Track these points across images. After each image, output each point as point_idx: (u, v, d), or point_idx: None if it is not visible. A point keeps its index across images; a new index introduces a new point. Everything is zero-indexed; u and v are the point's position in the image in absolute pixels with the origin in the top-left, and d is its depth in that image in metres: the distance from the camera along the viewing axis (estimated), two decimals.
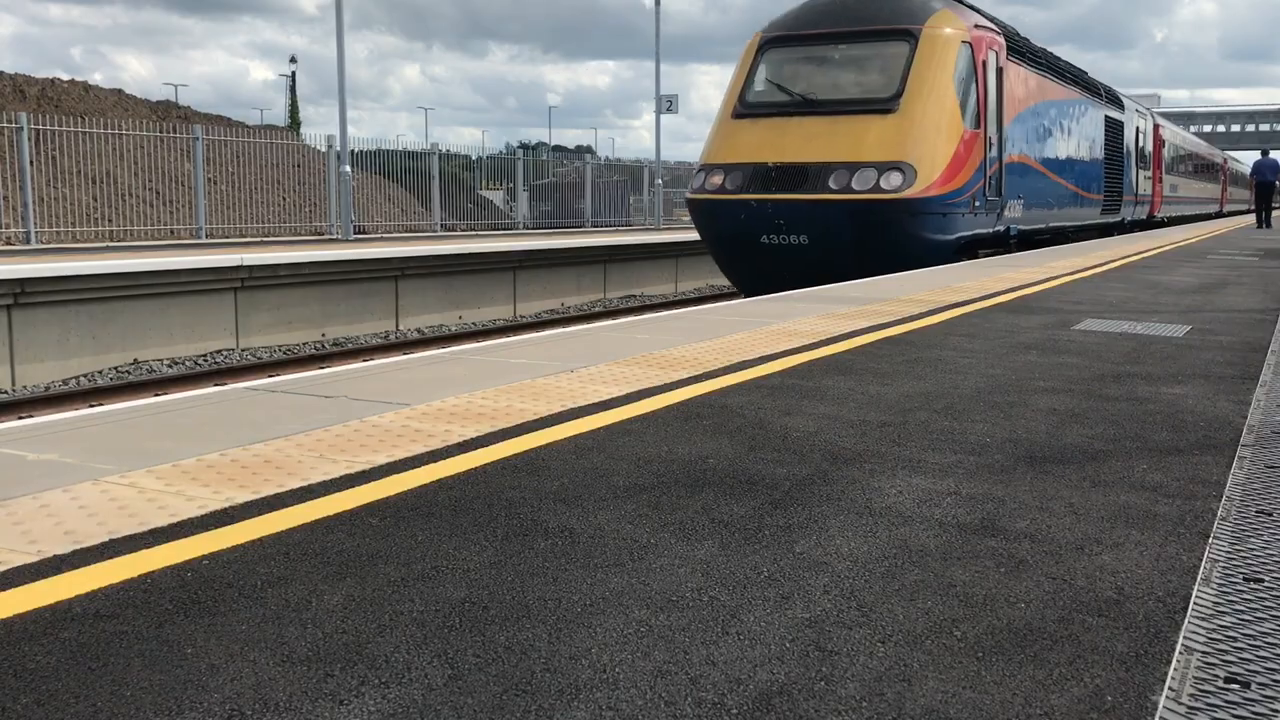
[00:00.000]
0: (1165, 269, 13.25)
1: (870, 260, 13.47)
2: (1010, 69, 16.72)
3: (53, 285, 12.26)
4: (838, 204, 13.54)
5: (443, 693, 1.96)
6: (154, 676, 2.01)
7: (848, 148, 13.92)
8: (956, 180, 14.25)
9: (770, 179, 14.09)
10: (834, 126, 14.22)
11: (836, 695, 1.97)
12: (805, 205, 13.70)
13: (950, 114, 14.35)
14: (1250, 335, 7.04)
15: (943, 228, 14.23)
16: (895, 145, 13.81)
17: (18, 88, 25.88)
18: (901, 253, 13.71)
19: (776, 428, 4.11)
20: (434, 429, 3.97)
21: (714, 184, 14.52)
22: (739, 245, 14.61)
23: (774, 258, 14.26)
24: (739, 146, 14.71)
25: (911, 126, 13.97)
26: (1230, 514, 3.09)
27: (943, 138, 14.13)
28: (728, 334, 6.65)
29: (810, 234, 13.83)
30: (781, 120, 14.61)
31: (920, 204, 13.62)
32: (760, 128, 14.75)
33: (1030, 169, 17.98)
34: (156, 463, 3.46)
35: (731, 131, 15.01)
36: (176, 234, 21.24)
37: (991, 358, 5.89)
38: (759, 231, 14.13)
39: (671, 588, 2.48)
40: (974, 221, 15.12)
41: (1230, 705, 1.95)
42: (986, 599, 2.43)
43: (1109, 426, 4.22)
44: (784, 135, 14.41)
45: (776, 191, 13.95)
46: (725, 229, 14.68)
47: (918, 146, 13.85)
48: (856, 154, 13.84)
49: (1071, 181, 21.02)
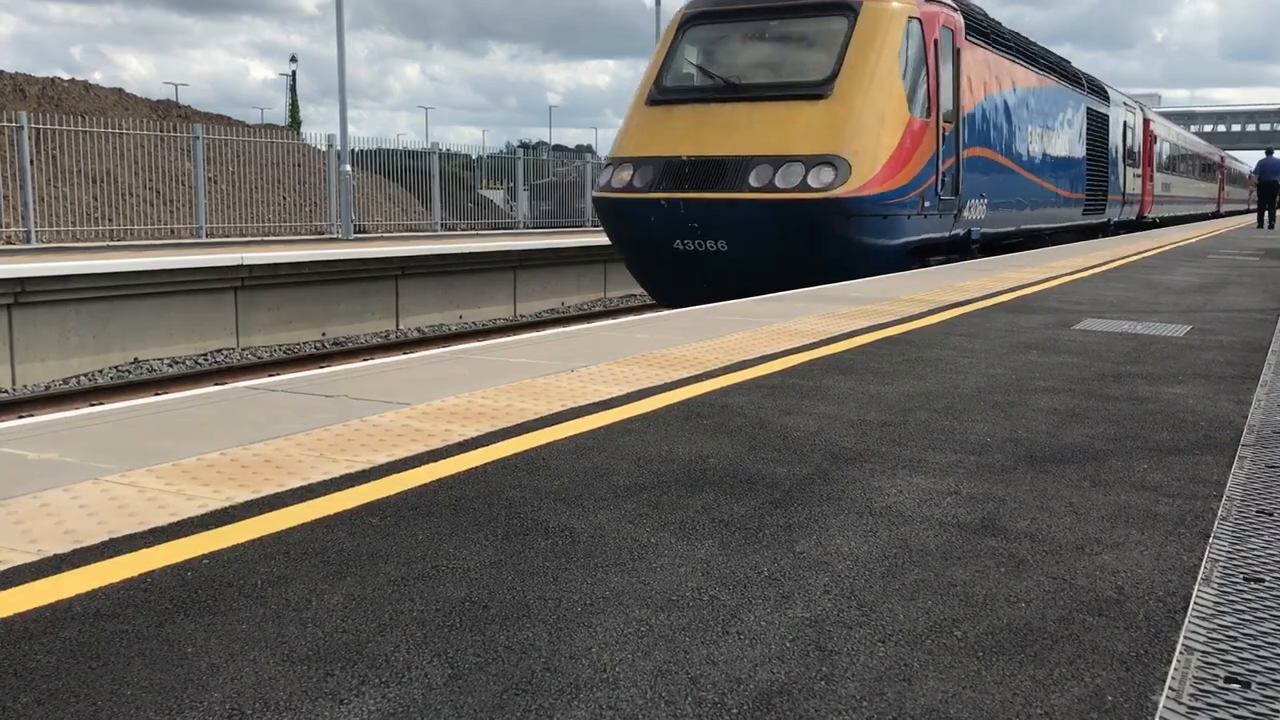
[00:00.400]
0: (1165, 269, 13.25)
1: (800, 270, 11.82)
2: (970, 51, 15.00)
3: (53, 285, 12.26)
4: (759, 204, 11.81)
5: (443, 692, 1.96)
6: (154, 676, 2.01)
7: (772, 139, 12.13)
8: (900, 177, 12.46)
9: (684, 176, 12.25)
10: (758, 114, 12.41)
11: (837, 695, 1.97)
12: (722, 206, 11.96)
13: (894, 100, 12.54)
14: (1251, 335, 7.04)
15: (884, 231, 12.40)
16: (827, 136, 12.03)
17: (18, 87, 25.87)
18: (835, 261, 12.02)
19: (777, 427, 4.11)
20: (434, 428, 3.97)
21: (621, 180, 12.69)
22: (650, 251, 12.84)
23: (689, 267, 12.53)
24: (652, 138, 12.89)
25: (847, 114, 12.17)
26: (1231, 514, 3.09)
27: (884, 127, 12.35)
28: (728, 333, 6.65)
29: (729, 239, 12.10)
30: (701, 108, 12.79)
31: (855, 204, 11.84)
32: (677, 116, 12.90)
33: (995, 165, 16.17)
34: (157, 462, 3.46)
35: (644, 121, 13.19)
36: (177, 233, 21.23)
37: (992, 357, 5.89)
38: (671, 236, 12.37)
39: (672, 587, 2.48)
40: (923, 224, 13.26)
41: (1230, 705, 1.95)
42: (987, 599, 2.43)
43: (1109, 426, 4.22)
44: (702, 125, 12.60)
45: (690, 190, 12.14)
46: (634, 232, 12.87)
47: (853, 138, 12.05)
48: (782, 146, 12.05)
49: (1047, 179, 19.18)
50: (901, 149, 12.52)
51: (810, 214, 11.75)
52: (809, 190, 11.68)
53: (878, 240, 12.38)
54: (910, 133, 12.74)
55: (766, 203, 11.78)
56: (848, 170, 11.78)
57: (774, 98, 12.50)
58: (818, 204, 11.70)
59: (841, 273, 11.58)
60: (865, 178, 11.90)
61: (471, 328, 16.94)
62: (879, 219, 12.22)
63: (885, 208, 12.25)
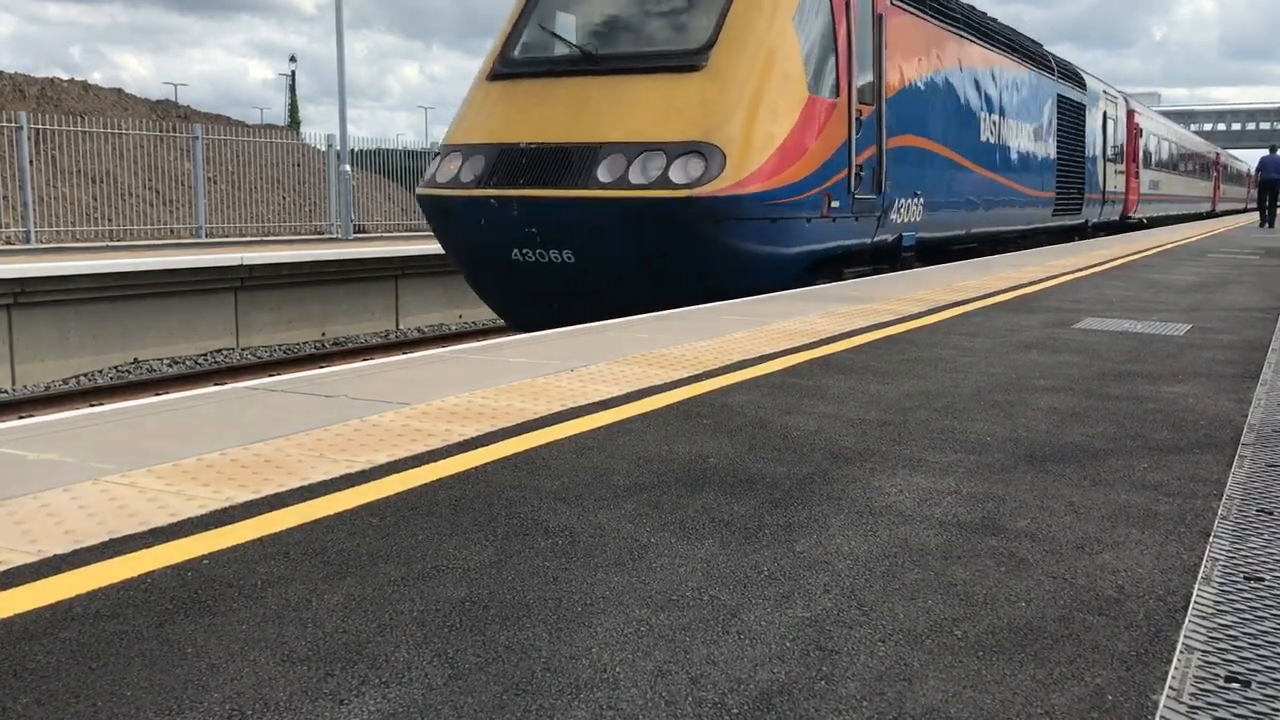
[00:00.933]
0: (1166, 267, 13.25)
1: (668, 288, 9.56)
2: (898, 19, 12.44)
3: (52, 285, 12.26)
4: (609, 204, 9.38)
5: (443, 692, 1.96)
6: (154, 676, 2.01)
7: (630, 122, 9.74)
8: (794, 170, 10.07)
9: (520, 168, 9.82)
10: (617, 91, 10.00)
11: (837, 694, 1.96)
12: (564, 207, 9.53)
13: (787, 75, 10.16)
14: (1251, 334, 7.04)
15: (773, 238, 9.98)
16: (697, 118, 9.61)
17: (17, 87, 25.89)
18: (709, 276, 9.69)
19: (777, 427, 4.11)
20: (434, 428, 3.97)
21: (447, 174, 10.30)
22: (483, 264, 10.47)
23: (531, 284, 10.13)
24: (490, 120, 10.46)
25: (723, 92, 9.74)
26: (1231, 513, 3.09)
27: (773, 109, 9.97)
28: (727, 333, 6.65)
29: (576, 250, 9.68)
30: (551, 83, 10.36)
31: (730, 204, 9.42)
32: (522, 94, 10.43)
33: (934, 157, 13.53)
34: (156, 462, 3.46)
35: (484, 100, 10.71)
36: (176, 233, 21.23)
37: (992, 356, 5.89)
38: (506, 244, 9.92)
39: (672, 587, 2.48)
40: (830, 229, 10.84)
41: (1231, 704, 1.95)
42: (987, 598, 2.43)
43: (1110, 425, 4.22)
44: (550, 104, 10.17)
45: (527, 186, 9.69)
46: (463, 240, 10.44)
47: (731, 120, 9.63)
48: (640, 131, 9.64)
49: (1006, 175, 16.59)
50: (797, 136, 10.10)
51: (673, 217, 9.35)
52: (671, 186, 9.31)
53: (765, 249, 9.96)
54: (809, 116, 10.30)
55: (618, 203, 9.37)
56: (721, 161, 9.39)
57: (637, 70, 10.08)
58: (682, 204, 9.28)
59: (719, 290, 9.33)
60: (745, 171, 9.50)
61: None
62: (765, 224, 9.83)
63: (774, 209, 9.86)
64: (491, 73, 10.85)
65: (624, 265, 9.64)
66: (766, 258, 10.03)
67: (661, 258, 9.56)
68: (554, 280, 9.97)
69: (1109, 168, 24.43)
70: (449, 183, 10.22)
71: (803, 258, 10.58)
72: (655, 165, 9.42)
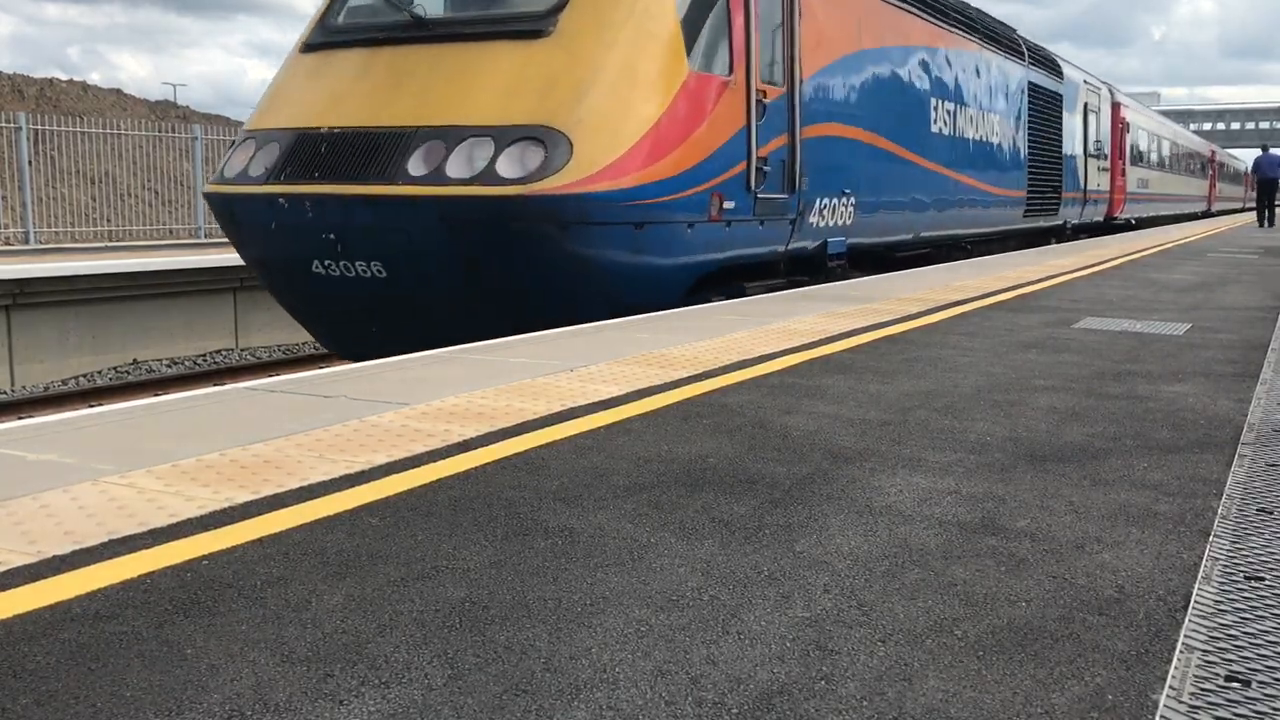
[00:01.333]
0: (1165, 267, 13.25)
1: (506, 308, 7.77)
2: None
3: (52, 285, 12.25)
4: (418, 205, 7.45)
5: (443, 693, 1.96)
6: (153, 677, 2.01)
7: (456, 100, 7.82)
8: (668, 163, 8.05)
9: (318, 159, 7.90)
10: (443, 62, 8.10)
11: (837, 694, 1.96)
12: (366, 207, 7.57)
13: (661, 46, 8.19)
14: (1251, 333, 7.04)
15: (640, 248, 7.99)
16: (538, 96, 7.71)
17: (16, 87, 25.88)
18: (556, 294, 7.82)
19: (776, 427, 4.11)
20: (433, 429, 3.97)
21: (236, 166, 8.40)
22: (282, 278, 8.60)
23: (339, 304, 8.22)
24: (294, 101, 8.55)
25: (574, 63, 7.84)
26: (1231, 512, 3.09)
27: (641, 86, 8.00)
28: (727, 333, 6.65)
29: (386, 262, 7.74)
30: (371, 53, 8.43)
31: (576, 204, 7.49)
32: (337, 67, 8.52)
33: (870, 150, 11.57)
34: (156, 463, 3.45)
35: (293, 76, 8.83)
36: (176, 234, 21.23)
37: (991, 356, 5.89)
38: (304, 254, 7.97)
39: (672, 587, 2.48)
40: (722, 236, 8.83)
41: (1231, 704, 1.95)
42: (987, 598, 2.43)
43: (1109, 425, 4.22)
44: (366, 79, 8.26)
45: (322, 180, 7.77)
46: (254, 248, 8.61)
47: (582, 99, 7.69)
48: (466, 112, 7.70)
49: (965, 171, 14.53)
50: (672, 121, 8.11)
51: (500, 221, 7.44)
52: (497, 182, 7.38)
53: (630, 260, 8.01)
54: (690, 96, 8.31)
55: (430, 202, 7.44)
56: (567, 150, 7.49)
57: (471, 37, 8.18)
58: (511, 204, 7.36)
59: (570, 312, 7.58)
60: (598, 163, 7.57)
61: None
62: (627, 229, 7.84)
63: (638, 211, 7.86)
64: (306, 43, 8.91)
65: (445, 281, 7.75)
66: (632, 272, 8.05)
67: (491, 272, 7.67)
68: (364, 300, 8.03)
69: (1091, 164, 22.57)
70: (236, 177, 8.31)
71: (684, 272, 8.56)
72: (482, 155, 7.52)
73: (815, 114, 10.28)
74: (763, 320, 7.32)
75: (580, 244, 7.68)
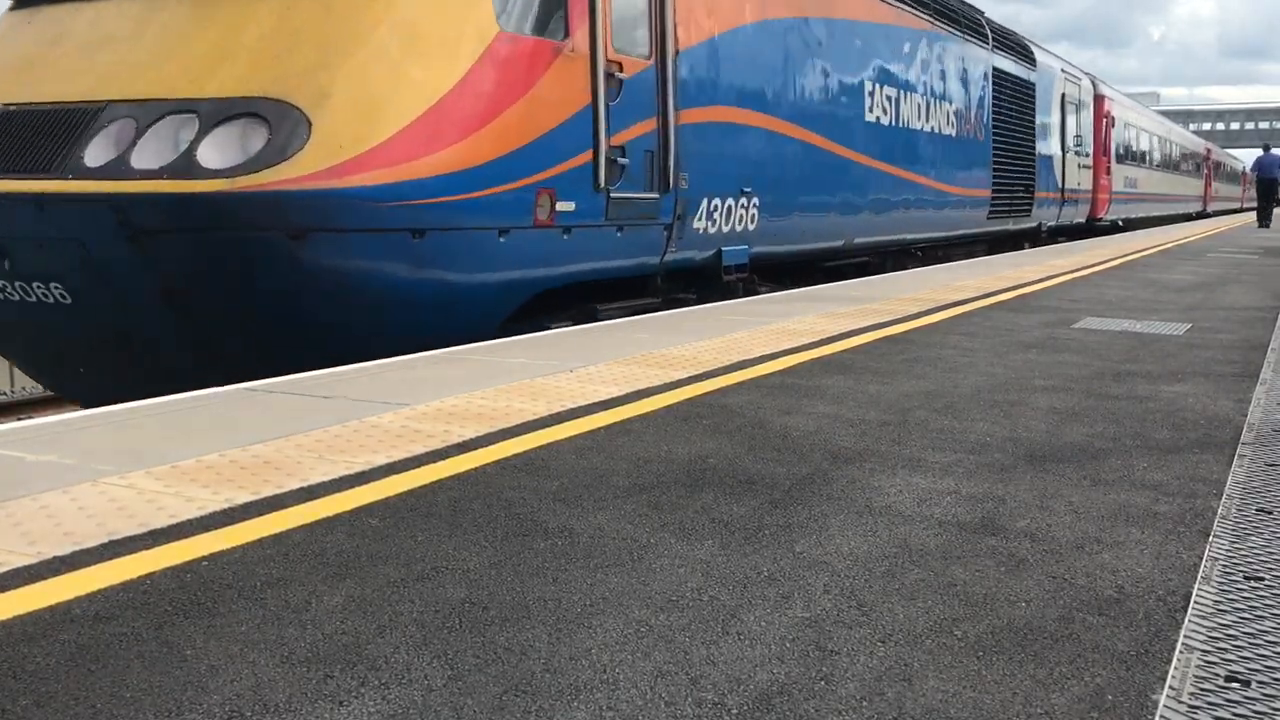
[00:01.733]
0: (1165, 267, 13.25)
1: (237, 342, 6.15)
2: None
3: None
4: (93, 205, 5.78)
5: (443, 693, 1.96)
6: (153, 678, 2.01)
7: (158, 66, 6.19)
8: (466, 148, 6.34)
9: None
10: (150, 17, 6.47)
11: (837, 695, 1.96)
12: (33, 209, 5.89)
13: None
14: (1250, 333, 7.04)
15: (426, 261, 6.33)
16: (264, 58, 6.06)
17: None
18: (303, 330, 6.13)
19: (776, 427, 4.11)
20: (433, 429, 3.97)
21: None
22: None
23: (23, 335, 6.68)
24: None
25: (325, 16, 6.18)
26: (1230, 512, 3.09)
27: (422, 47, 6.28)
28: (727, 333, 6.65)
29: (68, 283, 6.05)
30: (79, 10, 6.79)
31: (322, 203, 5.80)
32: (40, 28, 6.86)
33: (778, 140, 9.67)
34: (155, 463, 3.46)
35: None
36: None
37: (991, 356, 5.89)
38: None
39: (671, 587, 2.48)
40: (559, 247, 7.17)
41: (1231, 704, 1.95)
42: (987, 598, 2.43)
43: (1109, 425, 4.22)
44: (63, 43, 6.63)
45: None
46: None
47: (327, 62, 6.02)
48: (169, 83, 6.06)
49: (911, 168, 12.71)
50: (469, 94, 6.35)
51: (203, 228, 5.76)
52: (196, 173, 5.71)
53: (412, 278, 6.30)
54: (497, 63, 6.54)
55: (107, 202, 5.74)
56: (304, 131, 5.78)
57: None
58: (215, 204, 5.67)
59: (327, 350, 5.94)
60: (352, 148, 5.85)
61: None
62: (401, 238, 6.14)
63: (416, 213, 6.13)
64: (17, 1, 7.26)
65: (145, 309, 6.01)
66: (410, 295, 6.30)
67: (201, 297, 5.95)
68: (53, 333, 6.33)
69: (1071, 161, 20.63)
70: None
71: (498, 292, 6.81)
72: (184, 136, 5.82)
73: (699, 95, 8.42)
74: (763, 320, 7.32)
75: (325, 258, 5.89)
